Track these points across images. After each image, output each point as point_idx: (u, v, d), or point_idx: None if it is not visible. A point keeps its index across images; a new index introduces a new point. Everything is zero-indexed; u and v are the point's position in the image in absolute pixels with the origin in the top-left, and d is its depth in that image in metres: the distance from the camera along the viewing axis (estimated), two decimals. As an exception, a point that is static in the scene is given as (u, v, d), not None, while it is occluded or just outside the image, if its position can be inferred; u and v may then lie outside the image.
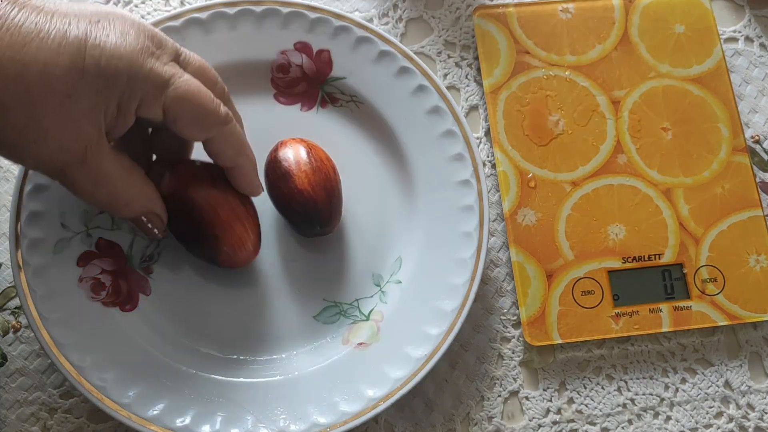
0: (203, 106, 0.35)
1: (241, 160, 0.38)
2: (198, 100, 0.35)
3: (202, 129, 0.36)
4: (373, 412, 0.39)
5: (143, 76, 0.32)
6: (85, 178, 0.34)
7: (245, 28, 0.45)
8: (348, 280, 0.43)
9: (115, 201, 0.36)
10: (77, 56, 0.31)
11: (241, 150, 0.38)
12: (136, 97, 0.33)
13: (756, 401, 0.44)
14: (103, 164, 0.34)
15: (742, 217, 0.46)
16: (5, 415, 0.41)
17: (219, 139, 0.37)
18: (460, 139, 0.44)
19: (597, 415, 0.43)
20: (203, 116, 0.35)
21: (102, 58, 0.31)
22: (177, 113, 0.34)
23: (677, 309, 0.44)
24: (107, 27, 0.32)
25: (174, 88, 0.34)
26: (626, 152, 0.47)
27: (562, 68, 0.49)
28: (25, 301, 0.39)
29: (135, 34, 0.33)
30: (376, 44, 0.45)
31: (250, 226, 0.40)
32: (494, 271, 0.46)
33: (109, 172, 0.34)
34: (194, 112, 0.35)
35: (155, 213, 0.38)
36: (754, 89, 0.51)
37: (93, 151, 0.33)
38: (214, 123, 0.36)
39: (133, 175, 0.36)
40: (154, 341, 0.41)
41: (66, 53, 0.30)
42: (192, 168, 0.40)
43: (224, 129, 0.37)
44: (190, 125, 0.35)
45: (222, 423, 0.39)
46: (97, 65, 0.31)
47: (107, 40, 0.32)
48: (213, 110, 0.35)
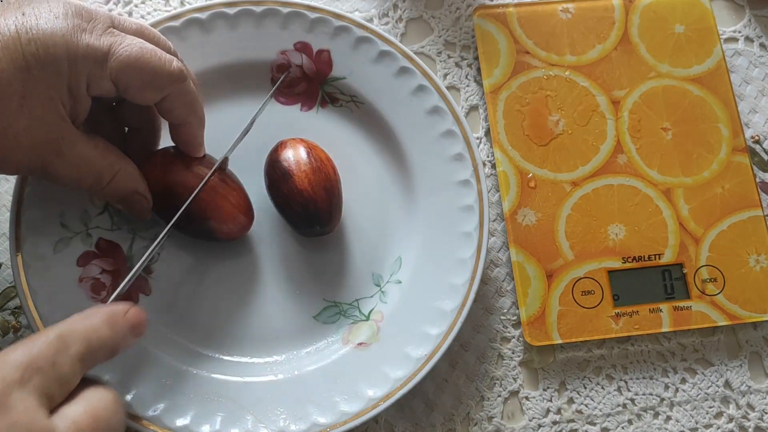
0: (151, 65, 0.34)
1: (191, 119, 0.38)
2: (144, 61, 0.34)
3: (156, 89, 0.35)
4: (373, 412, 0.39)
5: (82, 55, 0.32)
6: (67, 167, 0.34)
7: (245, 28, 0.45)
8: (348, 280, 0.43)
9: (100, 180, 0.36)
10: (17, 56, 0.31)
11: (193, 108, 0.38)
12: (82, 78, 0.33)
13: (756, 401, 0.44)
14: (79, 149, 0.34)
15: (742, 217, 0.46)
16: (5, 415, 0.41)
17: (173, 96, 0.36)
18: (460, 139, 0.44)
19: (597, 415, 0.43)
20: (154, 76, 0.34)
21: (39, 50, 0.31)
22: (127, 81, 0.34)
23: (677, 309, 0.44)
24: (34, 16, 0.32)
25: (116, 57, 0.33)
26: (626, 152, 0.47)
27: (562, 68, 0.49)
28: (25, 301, 0.39)
29: (63, 15, 0.32)
30: (376, 44, 0.45)
31: (236, 198, 0.41)
32: (494, 271, 0.46)
33: (87, 154, 0.34)
34: (143, 75, 0.34)
35: (139, 192, 0.38)
36: (754, 89, 0.51)
37: (65, 140, 0.33)
38: (167, 81, 0.35)
39: (110, 153, 0.36)
40: (154, 341, 0.41)
41: (5, 57, 0.31)
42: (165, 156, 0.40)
43: (180, 86, 0.36)
44: (143, 89, 0.35)
45: (222, 423, 0.39)
46: (37, 60, 0.31)
47: (38, 29, 0.31)
48: (163, 67, 0.35)
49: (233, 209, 0.40)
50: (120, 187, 0.37)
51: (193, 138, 0.39)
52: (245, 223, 0.41)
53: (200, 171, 0.40)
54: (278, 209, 0.42)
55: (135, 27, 0.36)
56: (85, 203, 0.42)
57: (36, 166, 0.33)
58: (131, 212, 0.39)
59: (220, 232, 0.40)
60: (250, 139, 0.45)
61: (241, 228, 0.41)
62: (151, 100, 0.36)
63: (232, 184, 0.41)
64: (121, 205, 0.39)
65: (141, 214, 0.39)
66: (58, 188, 0.41)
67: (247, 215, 0.41)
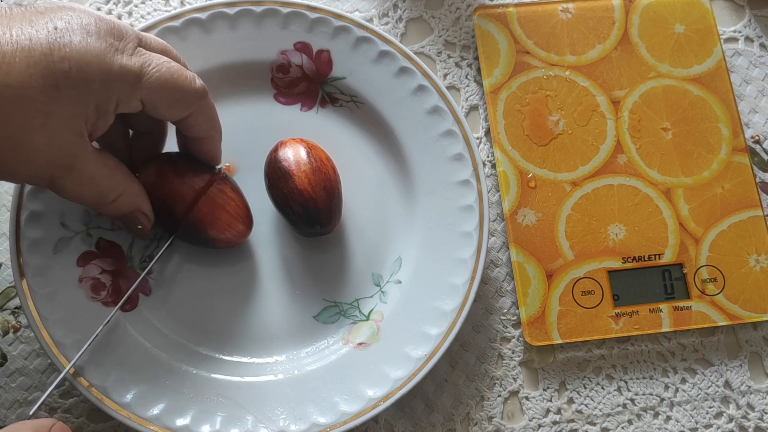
0: (180, 86, 0.35)
1: (213, 132, 0.39)
2: (173, 83, 0.34)
3: (183, 108, 0.36)
4: (373, 412, 0.39)
5: (115, 77, 0.32)
6: (74, 184, 0.34)
7: (245, 28, 0.45)
8: (348, 280, 0.43)
9: (103, 199, 0.36)
10: (48, 73, 0.30)
11: (214, 122, 0.39)
12: (113, 98, 0.33)
13: (756, 401, 0.44)
14: (89, 167, 0.34)
15: (742, 217, 0.46)
16: (5, 415, 0.41)
17: (197, 112, 0.37)
18: (460, 139, 0.44)
19: (597, 415, 0.43)
20: (182, 96, 0.35)
21: (72, 69, 0.31)
22: (156, 101, 0.34)
23: (677, 309, 0.44)
24: (68, 31, 0.31)
25: (147, 78, 0.33)
26: (626, 152, 0.47)
27: (562, 68, 0.49)
28: (25, 301, 0.39)
29: (96, 34, 0.32)
30: (376, 44, 0.45)
31: (234, 208, 0.40)
32: (494, 271, 0.46)
33: (96, 173, 0.34)
34: (172, 96, 0.35)
35: (141, 211, 0.38)
36: (754, 89, 0.51)
37: (79, 158, 0.33)
38: (194, 99, 0.36)
39: (117, 172, 0.36)
40: (154, 341, 0.41)
41: (36, 73, 0.30)
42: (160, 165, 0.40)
43: (203, 102, 0.37)
44: (170, 108, 0.35)
45: (222, 423, 0.39)
46: (68, 78, 0.31)
47: (72, 47, 0.31)
48: (190, 88, 0.35)
49: (231, 219, 0.40)
50: (122, 206, 0.37)
51: (215, 150, 0.40)
52: (244, 231, 0.41)
53: (194, 182, 0.39)
54: (278, 209, 0.42)
55: (161, 46, 0.36)
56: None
57: (44, 180, 0.33)
58: (130, 230, 0.39)
59: (219, 241, 0.40)
60: (250, 139, 0.45)
61: (239, 236, 0.41)
62: (177, 117, 0.36)
63: (231, 193, 0.41)
64: (120, 222, 0.39)
65: (140, 233, 0.39)
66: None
67: (245, 223, 0.41)
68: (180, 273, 0.43)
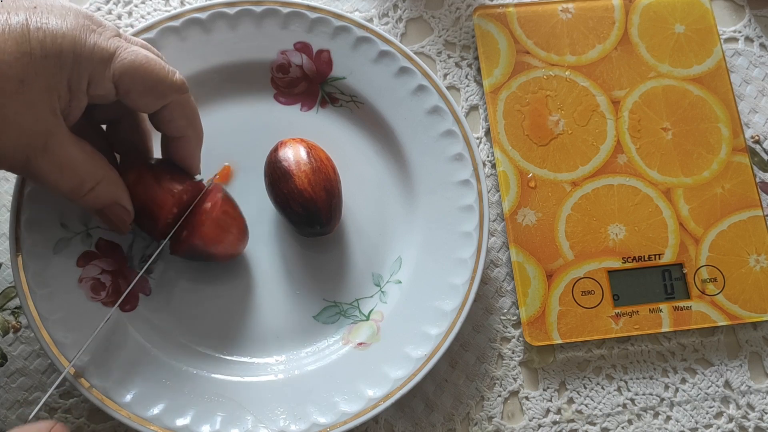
0: (155, 72, 0.35)
1: (190, 132, 0.38)
2: (148, 67, 0.34)
3: (158, 96, 0.36)
4: (373, 412, 0.39)
5: (88, 52, 0.33)
6: (50, 166, 0.33)
7: (245, 28, 0.45)
8: (348, 280, 0.43)
9: (81, 186, 0.35)
10: (22, 41, 0.31)
11: (193, 122, 0.38)
12: (84, 75, 0.33)
13: (756, 401, 0.44)
14: (65, 148, 0.33)
15: (742, 217, 0.46)
16: (5, 415, 0.41)
17: (174, 106, 0.37)
18: (460, 139, 0.44)
19: (597, 415, 0.43)
20: (156, 83, 0.35)
21: (46, 39, 0.31)
22: (129, 84, 0.34)
23: (677, 309, 0.44)
24: (45, 12, 0.32)
25: (120, 59, 0.34)
26: (626, 152, 0.47)
27: (562, 68, 0.49)
28: (25, 301, 0.39)
29: (74, 15, 0.33)
30: (376, 44, 0.45)
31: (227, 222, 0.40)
32: (494, 271, 0.46)
33: (73, 155, 0.34)
34: (146, 80, 0.35)
35: (120, 204, 0.37)
36: (754, 89, 0.51)
37: (54, 136, 0.33)
38: (169, 89, 0.36)
39: (95, 158, 0.35)
40: (154, 341, 0.41)
41: (11, 39, 0.31)
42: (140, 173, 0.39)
43: (181, 97, 0.36)
44: (144, 94, 0.35)
45: (222, 423, 0.39)
46: (42, 47, 0.31)
47: (48, 23, 0.32)
48: (166, 76, 0.35)
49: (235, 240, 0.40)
50: (101, 196, 0.36)
51: (191, 153, 0.39)
52: (237, 244, 0.41)
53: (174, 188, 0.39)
54: (278, 209, 0.42)
55: (141, 42, 0.37)
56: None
57: (20, 160, 0.32)
58: (109, 225, 0.38)
59: (219, 258, 0.40)
60: (250, 139, 0.45)
61: (233, 250, 0.41)
62: (150, 106, 0.36)
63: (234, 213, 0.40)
64: (99, 217, 0.38)
65: (119, 227, 0.38)
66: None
67: (239, 237, 0.41)
68: (180, 273, 0.43)
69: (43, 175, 0.33)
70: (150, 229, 0.39)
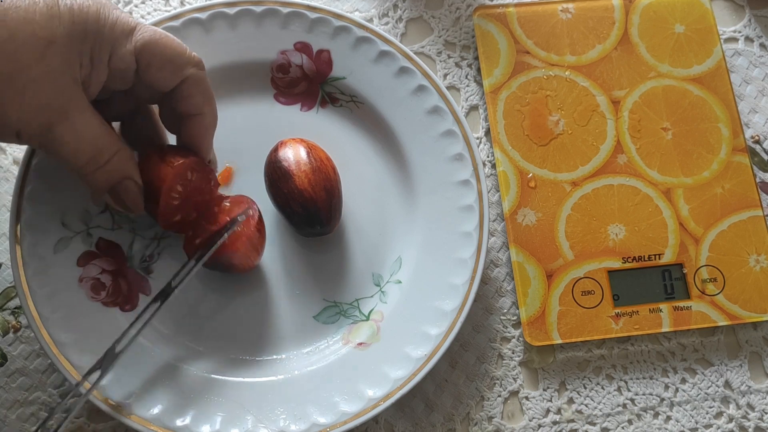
0: (173, 46, 0.36)
1: (207, 109, 0.38)
2: (167, 41, 0.36)
3: (176, 69, 0.36)
4: (373, 412, 0.39)
5: (111, 24, 0.34)
6: (70, 134, 0.33)
7: (245, 28, 0.45)
8: (348, 280, 0.43)
9: (99, 156, 0.35)
10: (52, 5, 0.32)
11: (209, 99, 0.39)
12: (106, 46, 0.34)
13: (756, 401, 0.44)
14: (86, 117, 0.34)
15: (742, 217, 0.46)
16: (5, 415, 0.41)
17: (192, 81, 0.37)
18: (460, 139, 0.44)
19: (597, 415, 0.43)
20: (176, 56, 0.36)
21: (74, 6, 0.32)
22: (149, 57, 0.35)
23: (677, 309, 0.44)
24: None
25: (141, 33, 0.35)
26: (626, 152, 0.47)
27: (562, 68, 0.49)
28: (25, 301, 0.39)
29: None
30: (376, 44, 0.45)
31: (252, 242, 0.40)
32: (494, 271, 0.46)
33: (93, 124, 0.34)
34: (166, 53, 0.36)
35: (133, 179, 0.37)
36: (754, 89, 0.51)
37: (75, 104, 0.33)
38: (187, 62, 0.37)
39: (112, 131, 0.36)
40: (155, 341, 0.41)
41: (42, 2, 0.32)
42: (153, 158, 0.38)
43: (198, 72, 0.37)
44: (163, 67, 0.36)
45: (222, 423, 0.39)
46: (70, 13, 0.32)
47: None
48: (183, 51, 0.37)
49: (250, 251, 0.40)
50: (115, 170, 0.36)
51: (204, 133, 0.39)
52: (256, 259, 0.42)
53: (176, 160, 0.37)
54: (278, 209, 0.42)
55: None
56: (86, 202, 0.42)
57: (42, 126, 0.33)
58: (122, 205, 0.37)
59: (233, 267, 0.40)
60: (250, 139, 0.45)
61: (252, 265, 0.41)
62: (169, 81, 0.36)
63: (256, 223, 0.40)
64: (111, 196, 0.37)
65: (133, 204, 0.37)
66: (58, 187, 0.41)
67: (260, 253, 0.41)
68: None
69: (63, 143, 0.33)
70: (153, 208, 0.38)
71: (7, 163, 0.45)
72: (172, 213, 0.38)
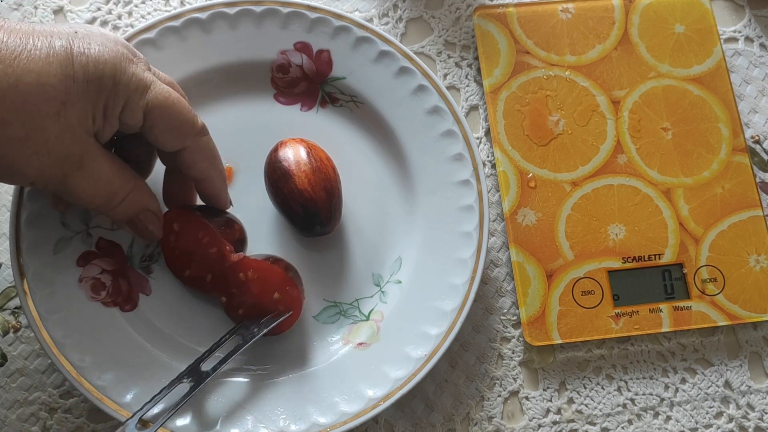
0: (182, 114, 0.36)
1: (213, 173, 0.39)
2: (177, 108, 0.36)
3: (179, 137, 0.37)
4: (373, 412, 0.39)
5: (126, 80, 0.34)
6: (85, 181, 0.34)
7: (245, 28, 0.45)
8: (348, 280, 0.43)
9: (113, 198, 0.36)
10: (66, 64, 0.32)
11: (214, 162, 0.39)
12: (120, 101, 0.34)
13: (756, 401, 0.44)
14: (99, 163, 0.34)
15: (742, 217, 0.46)
16: (5, 415, 0.41)
17: (194, 149, 0.38)
18: (460, 139, 0.44)
19: (597, 415, 0.43)
20: (181, 124, 0.36)
21: (89, 64, 0.33)
22: (155, 119, 0.35)
23: (677, 309, 0.44)
24: (87, 38, 0.33)
25: (154, 93, 0.35)
26: (626, 152, 0.47)
27: (562, 68, 0.49)
28: (25, 301, 0.39)
29: (113, 43, 0.34)
30: (376, 44, 0.45)
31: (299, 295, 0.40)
32: (494, 271, 0.46)
33: (105, 169, 0.35)
34: (172, 120, 0.36)
35: (150, 210, 0.38)
36: (754, 89, 0.51)
37: (88, 154, 0.34)
38: (190, 132, 0.37)
39: (125, 170, 0.37)
40: (155, 341, 0.41)
41: (56, 62, 0.32)
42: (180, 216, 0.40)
43: (200, 140, 0.38)
44: (167, 132, 0.36)
45: (222, 423, 0.39)
46: (85, 71, 0.32)
47: (90, 49, 0.33)
48: (190, 120, 0.37)
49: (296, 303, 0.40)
50: (132, 205, 0.37)
51: (218, 192, 0.40)
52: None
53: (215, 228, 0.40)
54: (278, 209, 0.42)
55: (167, 79, 0.38)
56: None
57: (56, 178, 0.34)
58: (141, 234, 0.39)
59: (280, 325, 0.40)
60: (250, 139, 0.45)
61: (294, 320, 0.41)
62: (169, 145, 0.37)
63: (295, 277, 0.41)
64: (130, 227, 0.39)
65: (151, 234, 0.39)
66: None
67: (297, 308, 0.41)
68: (180, 273, 0.43)
69: (78, 190, 0.34)
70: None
71: (7, 163, 0.45)
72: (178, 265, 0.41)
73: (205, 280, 0.40)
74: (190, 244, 0.40)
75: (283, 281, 0.39)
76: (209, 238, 0.40)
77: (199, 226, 0.40)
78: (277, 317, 0.39)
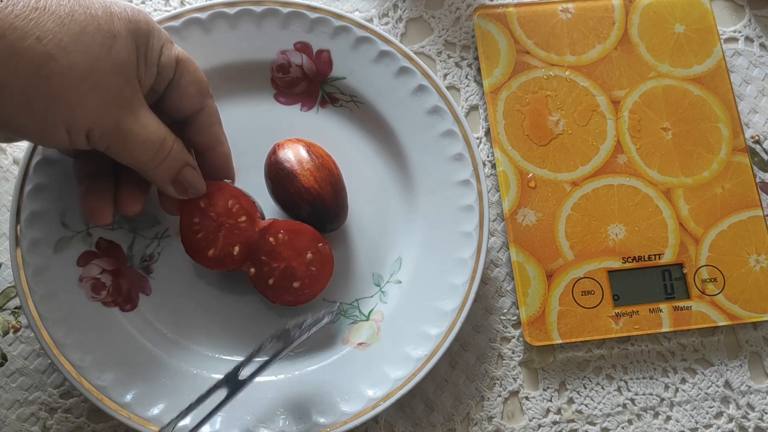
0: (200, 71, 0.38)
1: (224, 137, 0.40)
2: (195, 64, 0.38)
3: (201, 93, 0.38)
4: (373, 412, 0.39)
5: (158, 30, 0.36)
6: (138, 128, 0.34)
7: (245, 28, 0.45)
8: (348, 280, 0.43)
9: (163, 147, 0.36)
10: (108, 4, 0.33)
11: (222, 129, 0.40)
12: (157, 45, 0.35)
13: (756, 401, 0.44)
14: (146, 111, 0.35)
15: (742, 217, 0.46)
16: (5, 415, 0.41)
17: (210, 110, 0.39)
18: (460, 139, 0.44)
19: (597, 415, 0.43)
20: (202, 79, 0.38)
21: (126, 11, 0.34)
22: (183, 70, 0.37)
23: (677, 309, 0.44)
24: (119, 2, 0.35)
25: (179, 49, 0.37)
26: (626, 152, 0.47)
27: (562, 68, 0.49)
28: (25, 301, 0.39)
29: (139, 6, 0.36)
30: (376, 44, 0.45)
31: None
32: (494, 271, 0.46)
33: (152, 116, 0.35)
34: (197, 72, 0.38)
35: (190, 164, 0.38)
36: (754, 89, 0.51)
37: (136, 100, 0.34)
38: (207, 90, 0.38)
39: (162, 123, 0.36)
40: (155, 341, 0.41)
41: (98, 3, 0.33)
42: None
43: (212, 101, 0.39)
44: (192, 85, 0.37)
45: (222, 423, 0.39)
46: (124, 12, 0.34)
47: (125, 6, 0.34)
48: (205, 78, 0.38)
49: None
50: (177, 157, 0.37)
51: (227, 159, 0.40)
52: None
53: None
54: (285, 211, 0.42)
55: None
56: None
57: (110, 121, 0.33)
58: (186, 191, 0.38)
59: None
60: (250, 139, 0.45)
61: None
62: (192, 104, 0.38)
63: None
64: (174, 188, 0.38)
65: (197, 187, 0.38)
66: (58, 187, 0.41)
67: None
68: (180, 273, 0.43)
69: (133, 137, 0.34)
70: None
71: (7, 163, 0.45)
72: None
73: (231, 255, 0.39)
74: (220, 216, 0.39)
75: (315, 239, 0.39)
76: (239, 206, 0.39)
77: (228, 194, 0.39)
78: (318, 321, 0.38)
